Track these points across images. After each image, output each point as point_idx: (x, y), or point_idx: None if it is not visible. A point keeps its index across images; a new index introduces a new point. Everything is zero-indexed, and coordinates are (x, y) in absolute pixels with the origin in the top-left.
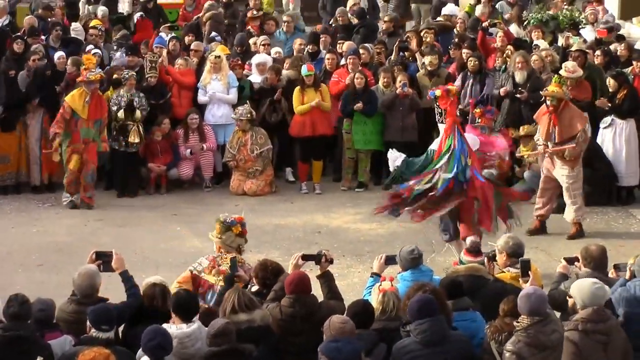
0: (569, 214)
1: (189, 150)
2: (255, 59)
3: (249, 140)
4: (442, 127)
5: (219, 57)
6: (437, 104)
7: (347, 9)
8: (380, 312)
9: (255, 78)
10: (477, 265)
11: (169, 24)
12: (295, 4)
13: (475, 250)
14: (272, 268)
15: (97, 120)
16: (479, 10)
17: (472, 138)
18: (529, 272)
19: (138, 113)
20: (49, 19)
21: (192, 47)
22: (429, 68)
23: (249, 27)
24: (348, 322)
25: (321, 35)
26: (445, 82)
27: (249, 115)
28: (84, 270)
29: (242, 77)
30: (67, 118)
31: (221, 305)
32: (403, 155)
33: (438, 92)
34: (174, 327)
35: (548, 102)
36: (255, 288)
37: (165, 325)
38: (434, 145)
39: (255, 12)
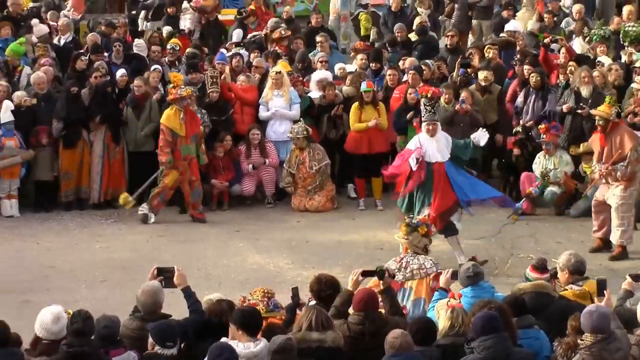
0: (615, 235)
1: (251, 165)
2: (315, 76)
3: (307, 157)
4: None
5: (280, 72)
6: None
7: (414, 25)
8: (449, 327)
9: (315, 94)
10: (543, 283)
11: (235, 41)
12: (347, 23)
13: (541, 267)
14: (326, 280)
15: (193, 135)
16: (530, 25)
17: None
18: (605, 291)
19: (200, 129)
20: (112, 36)
21: (254, 63)
22: (482, 83)
23: (276, 47)
24: (399, 337)
25: (383, 51)
26: (497, 100)
27: (305, 133)
28: (148, 287)
29: (302, 93)
30: (169, 140)
31: (297, 320)
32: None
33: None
34: (241, 346)
35: (596, 122)
36: (312, 303)
37: (230, 343)
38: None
39: (283, 32)
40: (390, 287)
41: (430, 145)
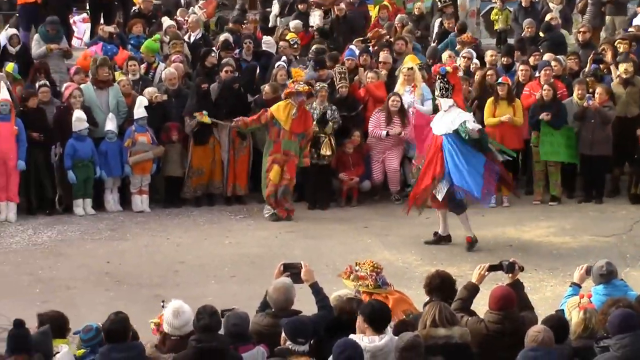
0: None
1: (385, 132)
2: None
3: None
4: (444, 102)
5: (412, 68)
6: (445, 79)
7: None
8: (583, 329)
9: None
10: None
11: (362, 38)
12: (475, 18)
13: None
14: (432, 274)
15: (300, 133)
16: None
17: None
18: None
19: (330, 125)
20: (241, 33)
21: (380, 59)
22: (623, 76)
23: (372, 48)
24: (542, 332)
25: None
26: None
27: None
28: (280, 284)
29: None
30: (262, 122)
31: (421, 317)
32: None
33: (449, 69)
34: (366, 340)
35: None
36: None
37: (355, 337)
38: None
39: (381, 31)
40: (518, 281)
41: (437, 119)
